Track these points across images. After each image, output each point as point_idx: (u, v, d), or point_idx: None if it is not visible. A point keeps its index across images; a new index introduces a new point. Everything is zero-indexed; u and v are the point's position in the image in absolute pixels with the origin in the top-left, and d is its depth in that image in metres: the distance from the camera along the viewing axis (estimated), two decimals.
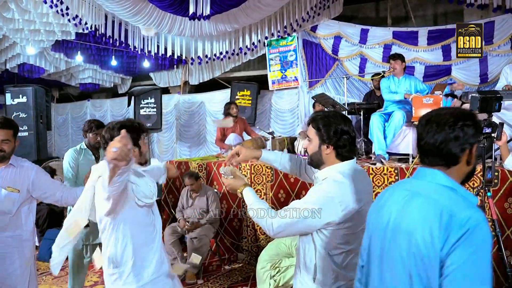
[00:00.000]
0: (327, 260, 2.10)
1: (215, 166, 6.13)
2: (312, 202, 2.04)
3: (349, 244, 2.08)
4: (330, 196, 2.03)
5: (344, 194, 2.04)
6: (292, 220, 2.05)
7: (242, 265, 5.76)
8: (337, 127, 2.13)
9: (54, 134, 14.46)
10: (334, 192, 2.04)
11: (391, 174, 4.72)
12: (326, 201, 2.02)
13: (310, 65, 8.53)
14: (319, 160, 2.18)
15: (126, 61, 10.57)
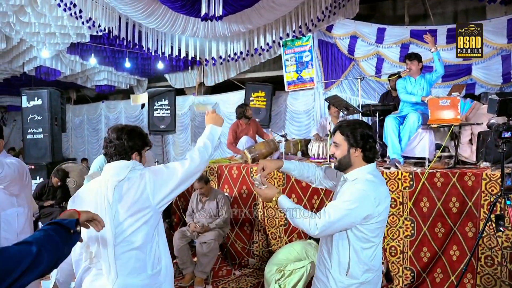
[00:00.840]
0: (359, 254, 2.36)
1: (226, 169, 6.02)
2: (350, 200, 2.26)
3: (378, 237, 2.39)
4: (365, 193, 2.27)
5: (376, 191, 2.31)
6: (335, 218, 2.26)
7: (253, 270, 5.64)
8: (363, 132, 2.40)
9: (71, 135, 14.58)
10: (369, 189, 2.29)
11: (405, 179, 4.54)
12: (363, 198, 2.26)
13: (325, 65, 8.37)
14: (348, 163, 2.43)
15: (141, 63, 10.57)
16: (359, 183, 2.33)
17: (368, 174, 2.38)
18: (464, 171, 4.30)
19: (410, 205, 4.50)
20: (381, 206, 2.30)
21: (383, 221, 2.37)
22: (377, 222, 2.32)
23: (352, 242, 2.36)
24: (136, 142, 2.42)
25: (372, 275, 2.40)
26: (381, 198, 2.31)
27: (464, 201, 4.24)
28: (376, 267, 2.41)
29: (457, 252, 4.32)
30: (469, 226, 4.23)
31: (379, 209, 2.30)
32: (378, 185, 2.36)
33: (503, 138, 3.28)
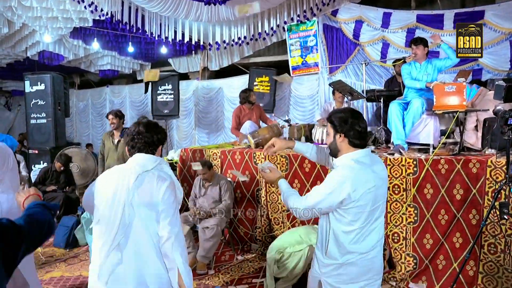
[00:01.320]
0: (338, 237, 2.46)
1: (230, 154, 6.00)
2: (328, 185, 2.42)
3: (360, 221, 2.42)
4: (342, 179, 2.38)
5: (355, 176, 2.39)
6: (314, 202, 2.45)
7: (255, 255, 5.65)
8: (346, 117, 2.51)
9: (75, 120, 14.59)
10: (346, 174, 2.39)
11: (409, 166, 4.50)
12: (339, 183, 2.37)
13: (330, 50, 8.27)
14: (335, 149, 2.56)
15: (144, 47, 10.49)
16: (339, 168, 2.49)
17: (351, 160, 2.47)
18: (469, 158, 4.25)
19: (413, 192, 4.46)
20: (358, 191, 2.36)
21: (363, 206, 2.39)
22: (356, 207, 2.39)
23: (333, 224, 2.49)
24: (162, 135, 2.61)
25: (354, 258, 2.45)
26: (359, 183, 2.37)
27: (468, 188, 4.20)
28: (361, 251, 2.44)
29: (460, 239, 4.29)
30: (473, 213, 4.20)
31: (355, 194, 2.36)
32: (358, 170, 2.42)
33: (509, 125, 3.22)
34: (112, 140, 6.17)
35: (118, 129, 6.17)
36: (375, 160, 2.58)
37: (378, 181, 2.46)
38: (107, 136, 6.26)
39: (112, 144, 6.15)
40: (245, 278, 4.91)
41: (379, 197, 2.46)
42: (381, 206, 2.51)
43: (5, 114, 16.29)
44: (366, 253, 2.47)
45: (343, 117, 2.51)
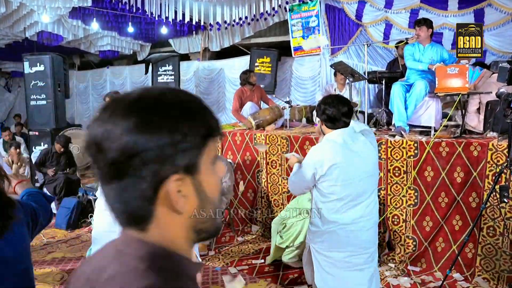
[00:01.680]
0: (318, 206, 2.75)
1: (230, 136, 5.98)
2: (304, 162, 2.79)
3: (335, 194, 2.65)
4: (310, 157, 2.76)
5: (321, 153, 2.70)
6: (295, 179, 2.87)
7: (256, 236, 5.69)
8: (319, 104, 2.83)
9: (76, 101, 14.51)
10: (314, 152, 2.76)
11: (410, 148, 4.48)
12: (307, 161, 2.75)
13: (332, 31, 8.15)
14: (321, 132, 2.90)
15: (145, 28, 10.36)
16: (312, 148, 2.88)
17: (325, 140, 2.78)
18: (470, 141, 4.22)
19: (414, 174, 4.46)
20: (324, 166, 2.62)
21: (333, 179, 2.63)
22: (326, 181, 2.65)
23: (314, 196, 2.81)
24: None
25: (335, 227, 2.69)
26: (325, 159, 2.63)
27: (469, 171, 4.19)
28: (341, 222, 2.68)
29: (459, 222, 4.29)
30: (473, 196, 4.19)
31: (322, 170, 2.63)
32: (327, 148, 2.70)
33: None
34: None
35: None
36: (357, 139, 2.75)
37: (352, 158, 2.65)
38: None
39: None
40: (245, 259, 4.95)
41: (351, 173, 2.63)
42: (362, 183, 2.68)
43: (5, 95, 16.21)
44: (347, 224, 2.69)
45: (318, 104, 2.86)
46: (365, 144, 2.76)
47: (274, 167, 5.55)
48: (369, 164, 2.74)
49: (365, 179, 2.71)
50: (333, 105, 2.72)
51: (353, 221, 2.68)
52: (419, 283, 4.20)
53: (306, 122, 6.80)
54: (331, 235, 2.71)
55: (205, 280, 4.48)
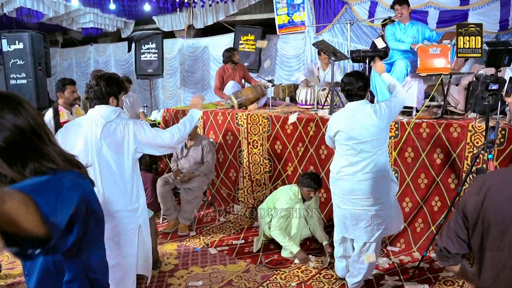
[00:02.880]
0: (334, 159, 3.63)
1: (212, 115, 5.91)
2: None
3: (341, 150, 3.48)
4: (329, 122, 3.62)
5: (331, 120, 3.57)
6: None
7: (237, 216, 5.67)
8: (342, 82, 3.49)
9: None
10: (330, 120, 3.62)
11: (391, 129, 4.43)
12: (328, 124, 3.63)
13: (317, 8, 8.01)
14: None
15: (127, 4, 10.14)
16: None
17: (341, 109, 3.62)
18: (450, 122, 4.20)
19: (394, 155, 4.44)
20: (332, 130, 3.50)
21: (339, 140, 3.45)
22: (336, 141, 3.49)
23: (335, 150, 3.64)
24: (112, 88, 2.88)
25: (342, 175, 3.46)
26: (333, 124, 3.52)
27: (448, 153, 4.18)
28: (342, 173, 3.46)
29: (438, 203, 4.30)
30: (452, 177, 4.19)
31: (331, 131, 3.51)
32: (336, 116, 3.56)
33: (490, 90, 3.15)
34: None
35: None
36: (360, 110, 3.36)
37: (353, 125, 3.32)
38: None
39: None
40: (225, 240, 4.94)
41: (353, 136, 3.33)
42: (363, 145, 3.32)
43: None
44: (335, 173, 3.55)
45: (341, 80, 3.52)
46: (369, 114, 3.30)
47: (255, 147, 5.50)
48: (369, 130, 3.29)
49: (367, 142, 3.30)
50: (350, 84, 3.36)
51: (336, 172, 3.51)
52: (397, 263, 4.23)
53: (290, 101, 6.73)
54: (332, 182, 3.58)
55: (184, 261, 4.46)
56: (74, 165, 1.42)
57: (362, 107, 3.36)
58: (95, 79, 2.90)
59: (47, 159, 1.34)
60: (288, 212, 4.39)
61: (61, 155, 1.39)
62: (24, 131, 1.32)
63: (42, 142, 1.36)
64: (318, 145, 4.96)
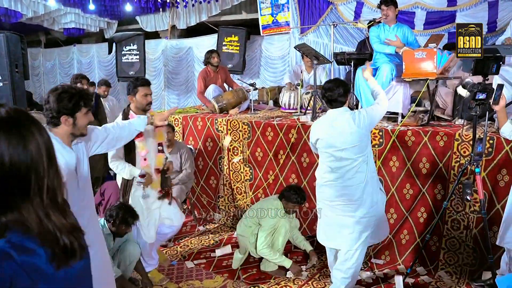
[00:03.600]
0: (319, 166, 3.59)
1: (191, 120, 5.68)
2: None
3: (322, 158, 3.48)
4: (311, 129, 3.61)
5: (312, 129, 3.56)
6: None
7: (218, 226, 5.46)
8: (322, 89, 3.48)
9: (43, 80, 13.97)
10: (311, 128, 3.61)
11: (375, 137, 4.25)
12: (310, 132, 3.62)
13: (302, 9, 7.80)
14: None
15: (109, 4, 9.85)
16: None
17: (322, 117, 3.65)
18: (437, 131, 4.01)
19: (379, 164, 4.24)
20: (313, 137, 3.50)
21: (320, 148, 3.45)
22: (318, 148, 3.49)
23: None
24: (64, 104, 2.38)
25: (325, 181, 3.45)
26: (313, 132, 3.52)
27: (434, 162, 3.98)
28: (325, 180, 3.46)
29: (424, 214, 4.12)
30: (439, 188, 4.00)
31: (313, 139, 3.51)
32: (315, 124, 3.59)
33: (477, 100, 2.95)
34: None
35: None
36: (339, 117, 3.33)
37: (333, 132, 3.32)
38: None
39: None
40: (203, 252, 4.72)
41: (332, 143, 3.32)
42: (343, 152, 3.28)
43: None
44: (319, 180, 3.53)
45: (322, 87, 3.61)
46: (347, 121, 3.27)
47: (236, 154, 5.28)
48: (348, 137, 3.26)
49: (348, 149, 3.26)
50: (330, 90, 3.31)
51: (320, 178, 3.50)
52: (381, 278, 4.03)
53: (273, 105, 6.52)
54: (324, 188, 3.47)
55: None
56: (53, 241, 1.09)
57: (341, 114, 3.34)
58: (48, 93, 2.46)
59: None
60: (274, 229, 4.16)
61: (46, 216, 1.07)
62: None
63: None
64: (300, 152, 4.75)
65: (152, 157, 3.76)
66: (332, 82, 3.39)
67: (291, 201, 4.08)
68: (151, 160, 3.74)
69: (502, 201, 3.59)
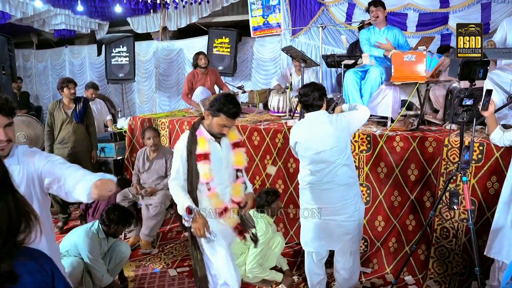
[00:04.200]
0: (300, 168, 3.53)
1: (178, 124, 5.56)
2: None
3: (302, 161, 3.43)
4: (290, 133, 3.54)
5: (291, 133, 3.50)
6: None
7: None
8: (298, 95, 3.53)
9: (35, 82, 13.80)
10: (291, 132, 3.53)
11: (362, 142, 4.14)
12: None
13: (293, 10, 7.67)
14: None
15: (100, 5, 9.69)
16: None
17: (300, 121, 3.77)
18: (426, 136, 3.89)
19: (366, 170, 4.13)
20: (292, 140, 3.46)
21: (300, 151, 3.41)
22: (297, 152, 3.46)
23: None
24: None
25: (305, 185, 3.38)
26: (292, 136, 3.47)
27: (423, 169, 3.87)
28: (305, 183, 3.39)
29: (413, 222, 4.00)
30: (428, 195, 3.89)
31: (292, 142, 3.48)
32: (294, 128, 3.52)
33: (464, 106, 2.83)
34: (64, 110, 5.53)
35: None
36: (317, 120, 3.28)
37: (311, 136, 3.28)
38: (55, 106, 5.60)
39: (65, 114, 5.52)
40: (187, 259, 4.59)
41: (310, 146, 3.27)
42: (322, 155, 3.22)
43: None
44: (300, 183, 3.47)
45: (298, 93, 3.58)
46: (325, 125, 3.23)
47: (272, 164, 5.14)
48: (325, 139, 3.21)
49: (326, 151, 3.22)
50: (306, 95, 3.28)
51: (301, 180, 3.44)
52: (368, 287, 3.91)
53: (263, 108, 6.40)
54: (305, 191, 3.39)
55: (141, 284, 4.12)
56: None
57: (318, 117, 3.31)
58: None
59: None
60: (266, 245, 4.00)
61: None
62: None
63: None
64: (287, 158, 4.63)
65: (223, 186, 3.03)
66: (307, 87, 3.34)
67: (268, 200, 3.98)
68: (222, 190, 3.01)
69: (492, 209, 3.47)
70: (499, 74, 3.96)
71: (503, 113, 3.92)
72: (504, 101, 3.86)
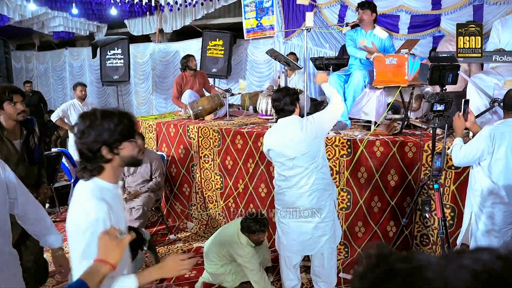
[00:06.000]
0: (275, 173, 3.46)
1: (164, 127, 5.53)
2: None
3: (276, 167, 3.38)
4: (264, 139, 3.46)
5: (264, 139, 3.42)
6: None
7: (189, 234, 5.29)
8: (271, 96, 3.36)
9: (37, 83, 13.87)
10: (264, 138, 3.44)
11: (343, 146, 4.06)
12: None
13: (286, 12, 7.62)
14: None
15: (97, 8, 9.72)
16: None
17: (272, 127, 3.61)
18: (406, 141, 3.82)
19: (347, 175, 4.06)
20: (266, 147, 3.39)
21: (273, 157, 3.36)
22: (271, 158, 3.41)
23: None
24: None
25: (280, 190, 3.35)
26: (265, 143, 3.39)
27: (403, 174, 3.80)
28: (280, 188, 3.35)
29: (394, 227, 3.93)
30: (408, 201, 3.82)
31: (265, 149, 3.41)
32: (267, 134, 3.41)
33: (435, 112, 2.76)
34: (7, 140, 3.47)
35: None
36: (288, 126, 3.21)
37: (282, 142, 3.21)
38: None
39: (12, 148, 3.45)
40: None
41: (283, 152, 3.21)
42: (295, 160, 3.16)
43: None
44: (276, 188, 3.43)
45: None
46: (295, 130, 3.16)
47: (206, 162, 5.12)
48: (297, 145, 3.15)
49: (298, 157, 3.16)
50: (277, 100, 3.22)
51: (278, 185, 3.37)
52: None
53: (253, 111, 6.35)
54: (280, 196, 3.36)
55: None
56: None
57: (290, 123, 3.24)
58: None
59: None
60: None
61: None
62: None
63: None
64: (269, 162, 4.53)
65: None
66: (279, 92, 3.28)
67: (252, 231, 3.68)
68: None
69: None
70: (482, 78, 3.88)
71: (487, 118, 3.83)
72: (487, 105, 3.78)
